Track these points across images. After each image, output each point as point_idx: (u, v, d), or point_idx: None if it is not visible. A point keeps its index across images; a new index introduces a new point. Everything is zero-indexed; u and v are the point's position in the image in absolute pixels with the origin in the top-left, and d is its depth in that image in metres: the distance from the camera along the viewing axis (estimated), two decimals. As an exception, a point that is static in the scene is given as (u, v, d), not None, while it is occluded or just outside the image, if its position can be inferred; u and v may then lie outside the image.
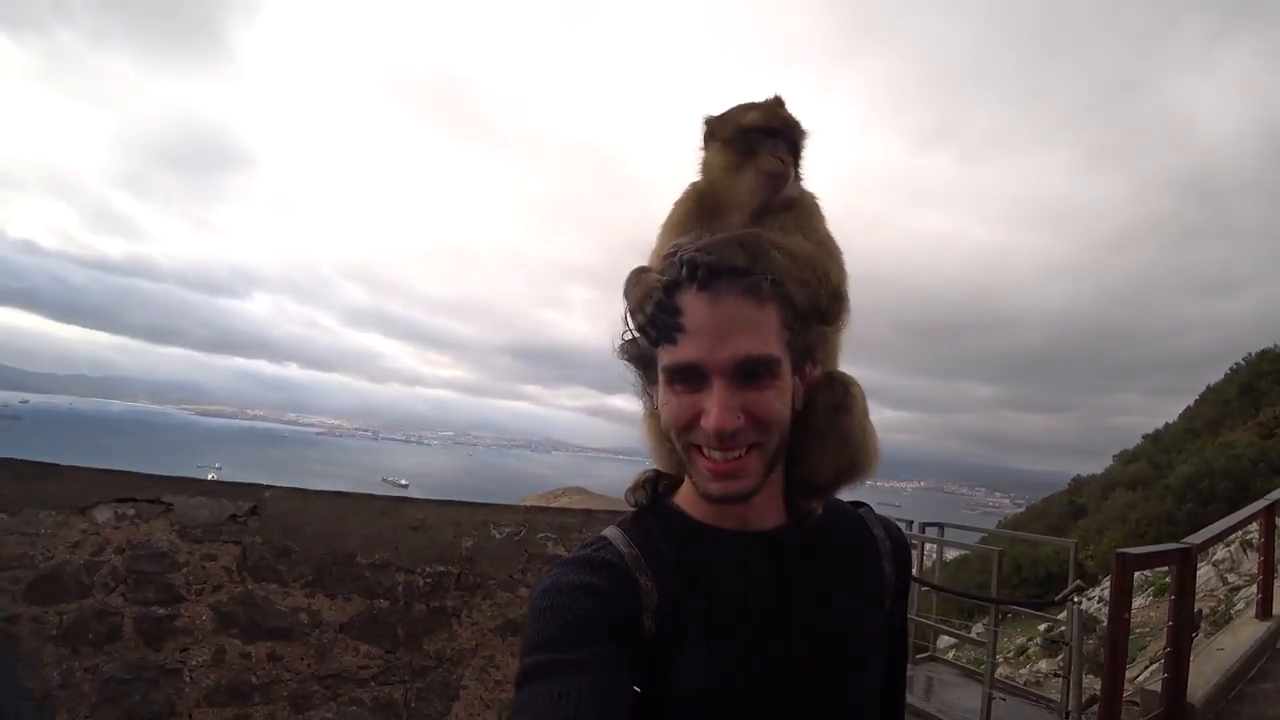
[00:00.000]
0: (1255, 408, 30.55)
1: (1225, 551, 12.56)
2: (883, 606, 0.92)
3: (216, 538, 2.74)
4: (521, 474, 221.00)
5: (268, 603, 2.77)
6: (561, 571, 0.80)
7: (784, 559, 0.85)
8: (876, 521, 0.97)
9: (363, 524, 2.89)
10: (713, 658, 0.78)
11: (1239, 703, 4.64)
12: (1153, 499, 26.04)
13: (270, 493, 2.80)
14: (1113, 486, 32.65)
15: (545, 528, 3.21)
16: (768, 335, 0.78)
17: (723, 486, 0.78)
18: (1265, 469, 21.14)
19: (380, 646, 2.89)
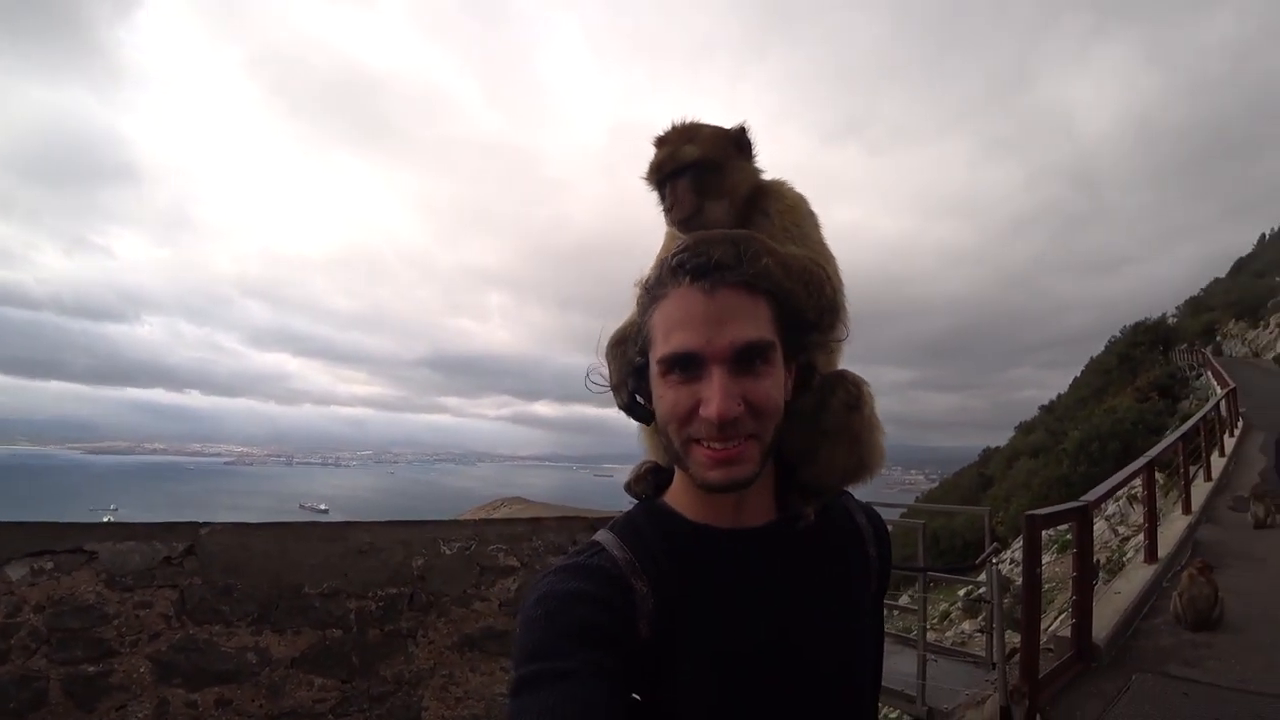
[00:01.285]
0: (1133, 374, 33.55)
1: (1115, 506, 13.81)
2: (870, 591, 0.94)
3: (150, 583, 2.61)
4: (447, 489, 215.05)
5: (212, 646, 2.66)
6: (554, 579, 0.78)
7: (777, 555, 0.85)
8: (858, 508, 0.99)
9: (308, 553, 2.82)
10: (712, 660, 0.78)
11: (1135, 638, 5.20)
12: (1051, 464, 28.13)
13: (207, 530, 2.69)
14: (1016, 456, 35.06)
15: (495, 539, 3.22)
16: (762, 322, 0.79)
17: (723, 473, 0.77)
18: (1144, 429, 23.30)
19: (336, 677, 2.83)
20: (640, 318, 0.84)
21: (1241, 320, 35.02)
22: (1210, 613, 5.25)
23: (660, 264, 0.83)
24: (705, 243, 0.80)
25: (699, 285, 0.77)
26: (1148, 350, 36.04)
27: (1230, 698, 4.22)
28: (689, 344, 0.76)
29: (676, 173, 1.06)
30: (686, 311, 0.77)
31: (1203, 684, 4.42)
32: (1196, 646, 4.99)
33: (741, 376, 0.76)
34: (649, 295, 0.82)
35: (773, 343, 0.79)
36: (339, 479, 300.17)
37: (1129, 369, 34.76)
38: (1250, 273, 39.66)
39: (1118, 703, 4.20)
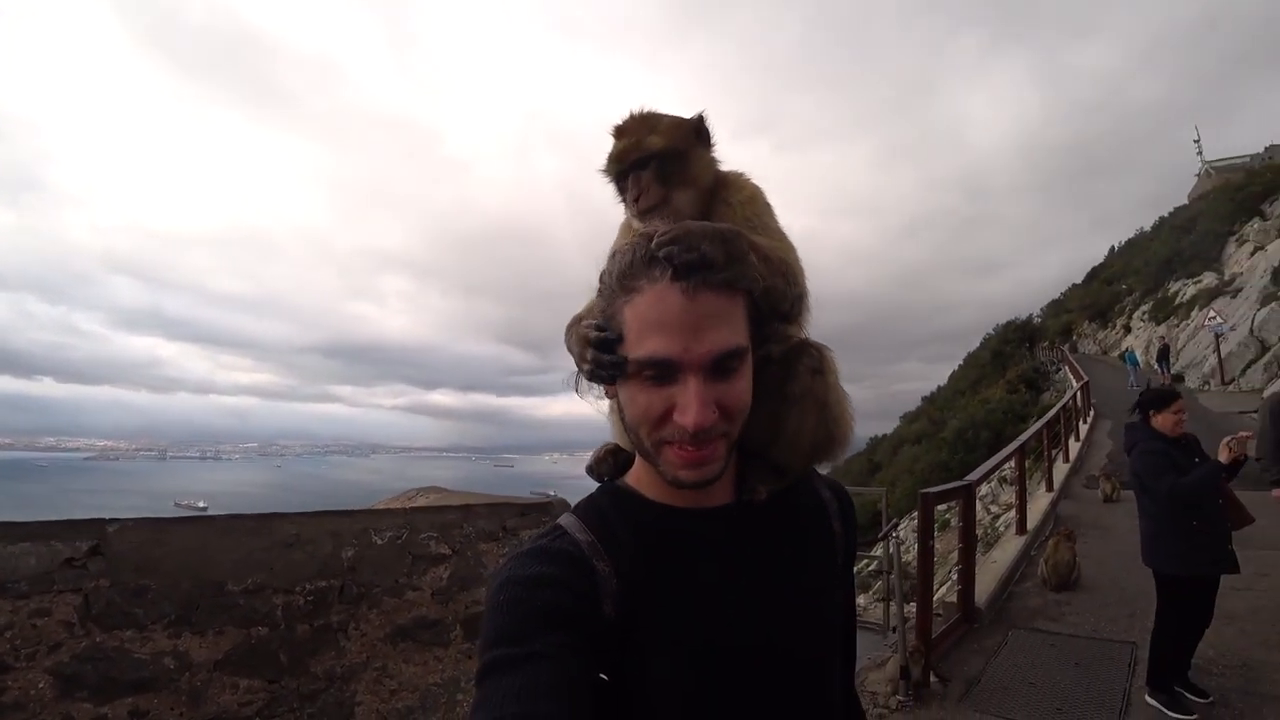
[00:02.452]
0: (1004, 368, 36.88)
1: (987, 488, 15.22)
2: (836, 565, 0.94)
3: (49, 589, 2.39)
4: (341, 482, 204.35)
5: (123, 653, 2.48)
6: (517, 564, 0.78)
7: (740, 534, 0.85)
8: (824, 483, 0.99)
9: (230, 548, 2.68)
10: (677, 640, 0.77)
11: (1009, 600, 5.83)
12: (932, 450, 30.47)
13: (115, 527, 2.51)
14: (901, 444, 37.68)
15: (427, 528, 3.18)
16: (738, 326, 0.77)
17: (695, 473, 0.77)
18: (1013, 418, 25.71)
19: (263, 678, 2.71)
20: (606, 304, 0.80)
21: (1094, 322, 39.18)
22: (1070, 575, 5.97)
23: (634, 249, 0.77)
24: (693, 236, 0.75)
25: (680, 285, 0.73)
26: (1016, 347, 39.71)
27: (1086, 644, 4.86)
28: (666, 350, 0.73)
29: (641, 163, 1.04)
30: (664, 314, 0.74)
31: (1065, 635, 5.05)
32: (1059, 604, 5.67)
33: (716, 382, 0.75)
34: (620, 285, 0.77)
35: (747, 348, 0.78)
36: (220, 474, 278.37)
37: (1000, 364, 38.16)
38: (1101, 280, 44.43)
39: (998, 655, 4.71)
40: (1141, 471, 3.69)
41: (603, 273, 0.81)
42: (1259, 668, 4.31)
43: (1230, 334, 21.73)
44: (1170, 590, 3.73)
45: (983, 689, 4.27)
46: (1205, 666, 4.26)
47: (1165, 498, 3.55)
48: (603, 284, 0.81)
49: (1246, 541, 6.46)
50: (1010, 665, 4.59)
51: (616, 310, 0.78)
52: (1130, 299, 36.80)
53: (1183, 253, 34.08)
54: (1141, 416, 3.84)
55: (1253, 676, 4.20)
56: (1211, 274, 29.87)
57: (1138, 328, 32.65)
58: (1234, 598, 5.42)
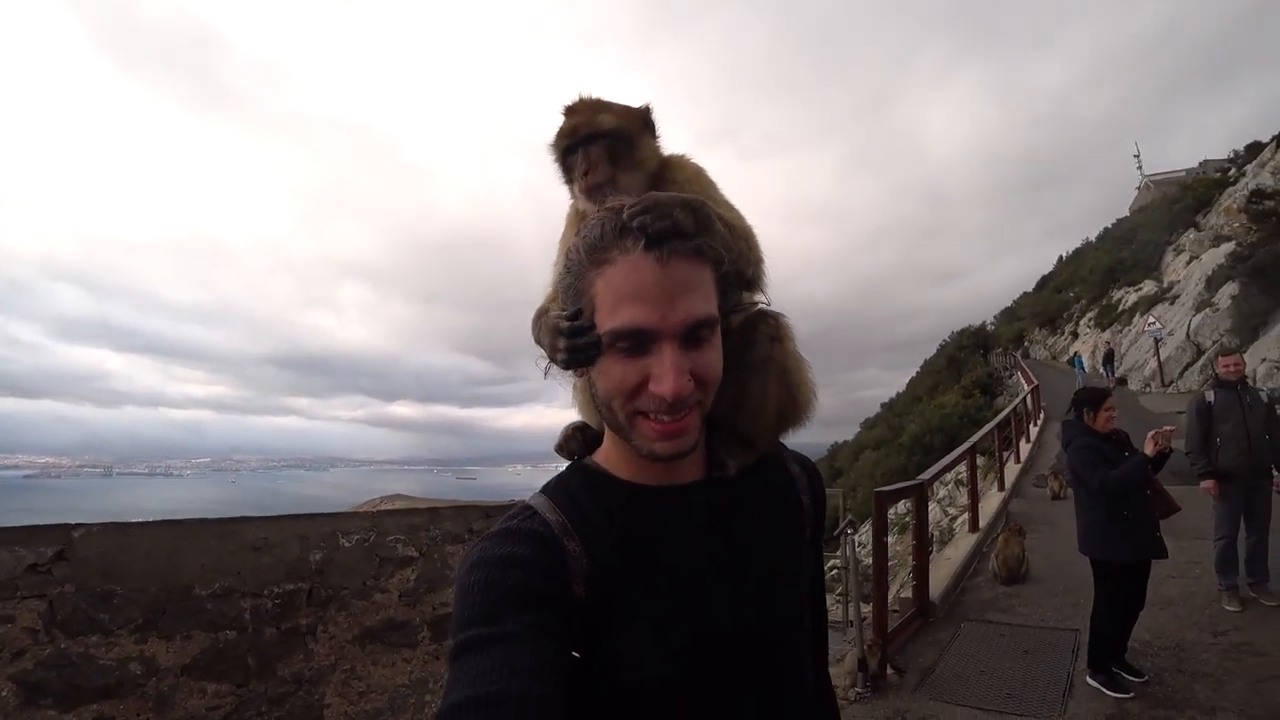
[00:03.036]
0: (959, 374, 37.93)
1: (945, 490, 15.69)
2: (804, 538, 0.95)
3: (12, 595, 2.39)
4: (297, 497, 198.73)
5: (88, 659, 2.48)
6: (488, 545, 0.78)
7: (709, 510, 0.86)
8: (792, 458, 1.00)
9: (199, 552, 2.70)
10: (648, 618, 0.78)
11: (963, 595, 6.07)
12: (892, 455, 31.12)
13: (81, 532, 2.51)
14: (862, 449, 38.39)
15: (394, 530, 3.22)
16: (709, 294, 0.78)
17: (670, 445, 0.77)
18: (968, 422, 26.44)
19: (231, 681, 2.72)
20: (575, 280, 0.79)
21: (1044, 328, 40.63)
22: (1019, 569, 6.24)
23: (602, 222, 0.77)
24: (664, 205, 0.76)
25: (654, 254, 0.74)
26: (971, 353, 40.90)
27: (1033, 633, 5.10)
28: (641, 320, 0.73)
29: (591, 139, 1.06)
30: (638, 283, 0.74)
31: (1014, 625, 5.29)
32: (1009, 597, 5.93)
33: (689, 351, 0.76)
34: (589, 258, 0.77)
35: (718, 318, 0.79)
36: (170, 490, 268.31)
37: (956, 369, 39.24)
38: (1051, 288, 46.16)
39: (951, 646, 4.91)
40: (1076, 466, 3.93)
41: (569, 248, 0.81)
42: (1190, 648, 4.59)
43: (1168, 339, 22.84)
44: (1105, 576, 3.97)
45: (937, 678, 4.46)
46: (1141, 649, 4.53)
47: (1097, 490, 3.80)
48: (569, 260, 0.80)
49: (1182, 532, 6.86)
50: (963, 655, 4.79)
51: (587, 285, 0.77)
52: (1078, 306, 38.31)
53: (1125, 262, 35.65)
54: (1076, 415, 4.10)
55: (1184, 656, 4.47)
56: (1151, 282, 31.34)
57: (1085, 334, 34.02)
58: (1169, 584, 5.76)
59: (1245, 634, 4.74)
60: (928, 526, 5.84)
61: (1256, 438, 4.94)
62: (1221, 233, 25.90)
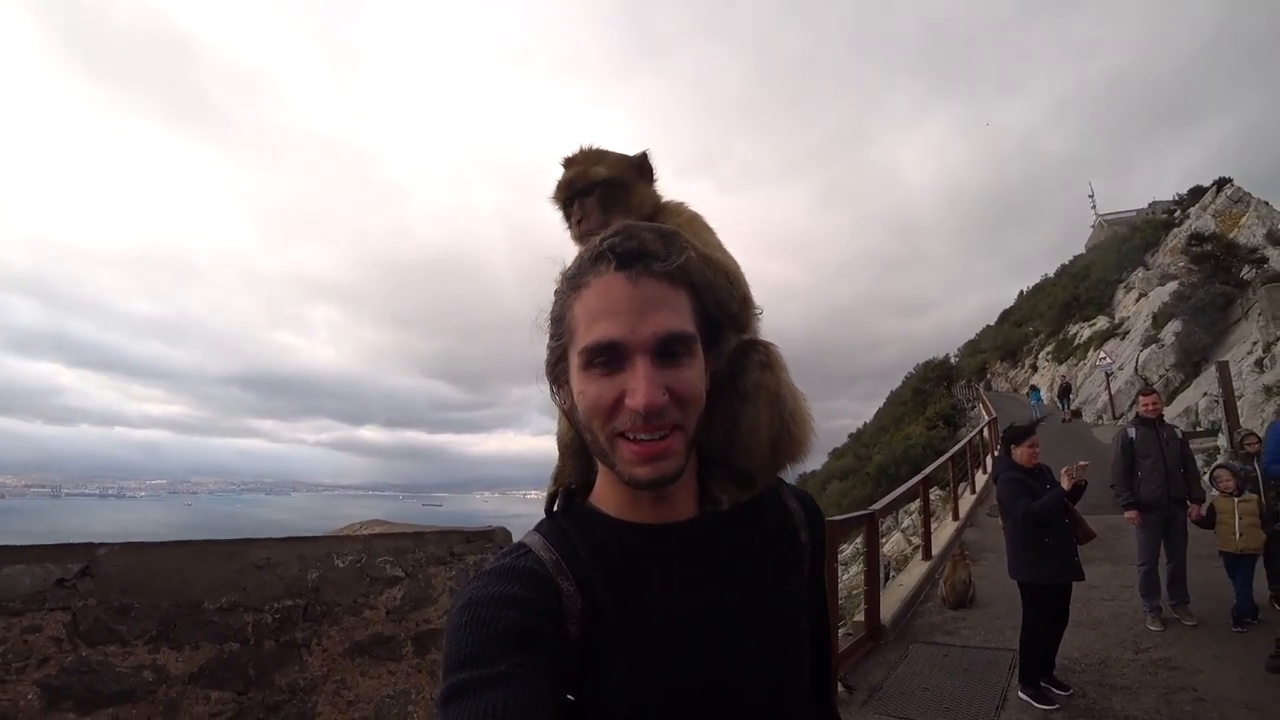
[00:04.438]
0: (924, 406, 38.83)
1: (909, 520, 16.21)
2: (803, 576, 0.94)
3: (40, 607, 2.62)
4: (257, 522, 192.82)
5: (106, 666, 2.71)
6: (481, 584, 0.77)
7: (703, 548, 0.85)
8: (790, 493, 0.99)
9: (208, 570, 2.95)
10: (641, 658, 0.77)
11: (913, 619, 6.46)
12: (858, 485, 31.64)
13: (104, 550, 2.76)
14: (829, 479, 38.94)
15: (383, 552, 3.50)
16: (684, 313, 0.79)
17: (650, 470, 0.77)
18: (931, 453, 27.13)
19: (232, 689, 2.96)
20: (559, 309, 0.82)
21: (1005, 361, 41.93)
22: (966, 594, 6.66)
23: (582, 254, 0.82)
24: (633, 229, 0.80)
25: (623, 273, 0.76)
26: (936, 385, 41.95)
27: (975, 653, 5.50)
28: (613, 333, 0.75)
29: (586, 190, 1.14)
30: (609, 300, 0.76)
31: (958, 646, 5.68)
32: (956, 620, 6.33)
33: (665, 367, 0.76)
34: (569, 285, 0.81)
35: (694, 335, 0.80)
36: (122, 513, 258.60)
37: (921, 401, 40.14)
38: (1011, 322, 47.70)
39: (899, 667, 5.28)
40: (1003, 497, 4.38)
41: (557, 284, 0.85)
42: (1113, 664, 5.02)
43: (1119, 373, 23.91)
44: (1031, 597, 4.39)
45: (884, 695, 4.81)
46: (1070, 665, 4.95)
47: (1021, 519, 4.23)
48: (556, 292, 0.84)
49: (1118, 557, 7.37)
50: (909, 674, 5.16)
51: (567, 309, 0.81)
52: (1036, 340, 39.70)
53: (1080, 298, 37.17)
54: (1004, 449, 4.55)
55: (1107, 672, 4.90)
56: (1105, 318, 32.76)
57: (1043, 367, 35.27)
58: (1099, 606, 6.23)
59: (1164, 651, 5.19)
60: (879, 554, 6.24)
61: (1173, 471, 5.46)
62: (1168, 271, 27.33)
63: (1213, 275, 22.18)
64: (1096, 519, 5.97)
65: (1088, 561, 5.40)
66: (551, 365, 0.85)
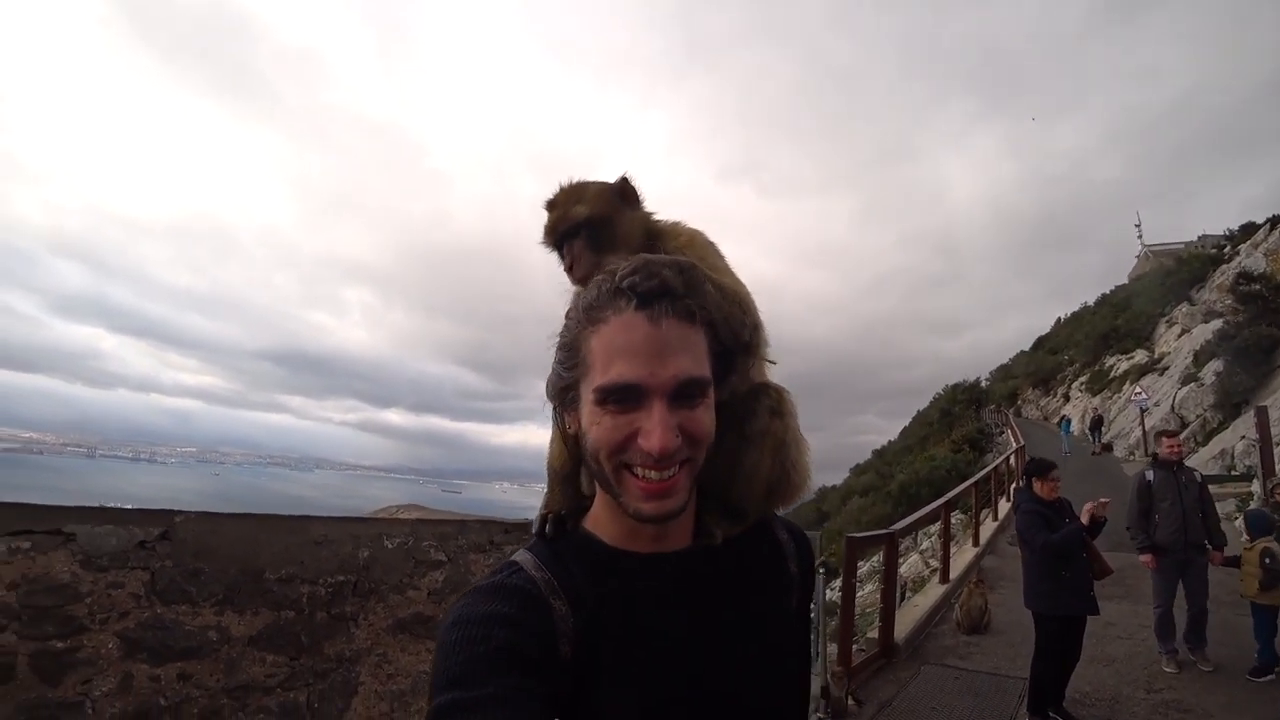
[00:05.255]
0: (950, 428, 38.33)
1: (928, 543, 16.12)
2: (791, 606, 0.96)
3: (124, 565, 2.88)
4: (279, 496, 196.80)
5: (177, 624, 2.97)
6: (471, 601, 0.77)
7: (695, 579, 0.86)
8: (781, 525, 1.01)
9: (272, 542, 3.20)
10: (632, 682, 0.78)
11: (927, 640, 6.53)
12: (878, 503, 31.36)
13: (181, 517, 3.02)
14: (850, 495, 38.58)
15: (429, 537, 3.73)
16: (701, 357, 0.80)
17: (656, 506, 0.78)
18: (955, 477, 26.79)
19: (285, 654, 3.21)
20: (572, 338, 0.82)
21: (1037, 388, 41.20)
22: (981, 620, 6.71)
23: (599, 284, 0.81)
24: (653, 265, 0.79)
25: (644, 313, 0.76)
26: (964, 408, 41.39)
27: (986, 679, 5.57)
28: (631, 376, 0.75)
29: (570, 233, 1.11)
30: (629, 341, 0.76)
31: (969, 671, 5.75)
32: (969, 645, 6.40)
33: (679, 409, 0.77)
34: (586, 317, 0.80)
35: (710, 380, 0.80)
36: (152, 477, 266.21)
37: (947, 423, 39.63)
38: (1046, 349, 46.84)
39: (909, 685, 5.38)
40: (1021, 528, 4.46)
41: (569, 309, 0.85)
42: (1124, 702, 5.06)
43: (1154, 409, 23.41)
44: (1043, 627, 4.47)
45: (893, 711, 4.92)
46: (1080, 699, 4.99)
47: (1039, 550, 4.32)
48: (568, 319, 0.84)
49: (1138, 596, 7.36)
50: (919, 694, 5.25)
51: (582, 341, 0.80)
52: (1071, 369, 38.94)
53: (1119, 329, 36.37)
54: (1025, 482, 4.63)
55: (1117, 709, 4.94)
56: (1143, 351, 32.03)
57: (1076, 397, 34.58)
58: (1116, 644, 6.24)
59: (1177, 693, 5.21)
60: (896, 573, 6.33)
61: (1190, 515, 5.46)
62: (1213, 308, 26.64)
63: (1259, 316, 21.58)
64: (1118, 556, 5.99)
65: (1106, 598, 5.45)
66: (560, 391, 0.85)
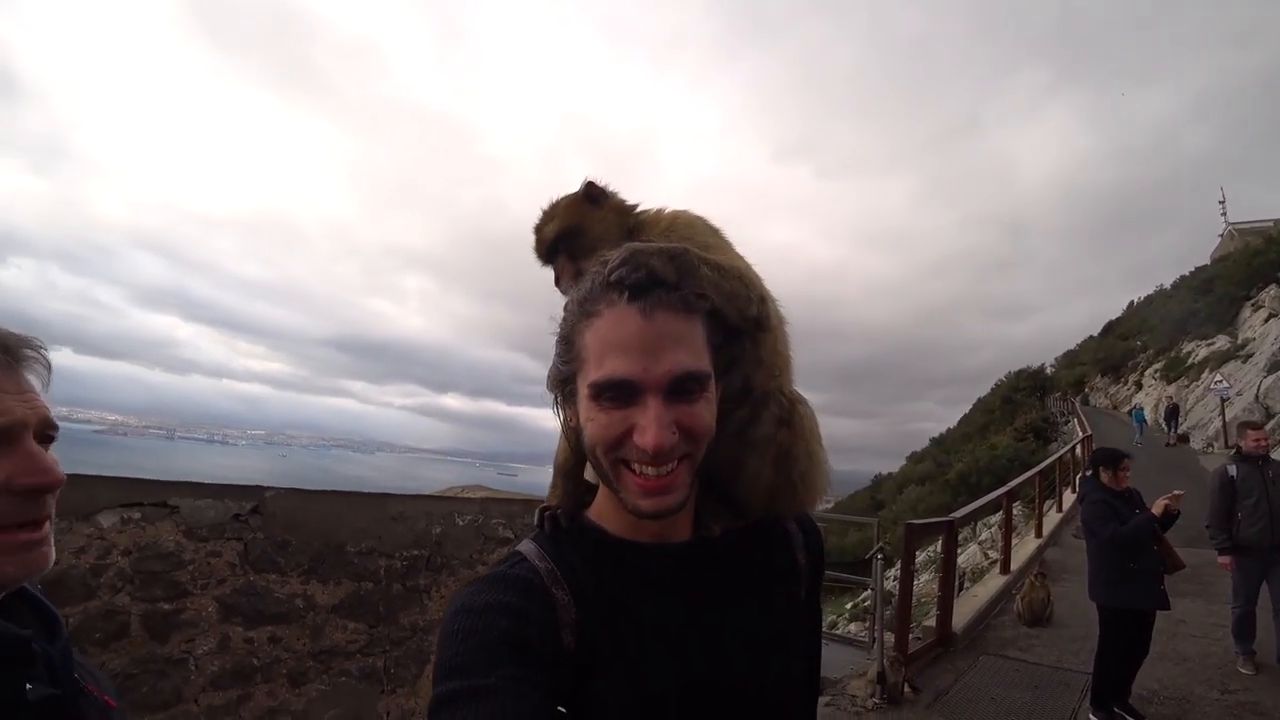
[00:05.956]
0: (1012, 416, 37.10)
1: (988, 533, 15.71)
2: (799, 597, 0.94)
3: (221, 535, 3.14)
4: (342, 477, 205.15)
5: (268, 591, 3.22)
6: (474, 591, 0.77)
7: (698, 569, 0.85)
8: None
9: (354, 518, 3.42)
10: (633, 672, 0.77)
11: (986, 630, 6.43)
12: (936, 492, 30.67)
13: (271, 493, 3.25)
14: (906, 483, 37.80)
15: (498, 515, 3.91)
16: (698, 349, 0.78)
17: (654, 503, 0.77)
18: (1018, 466, 25.94)
19: (365, 622, 3.43)
20: (568, 331, 0.81)
21: (1106, 376, 39.36)
22: (1043, 612, 6.55)
23: (593, 277, 0.80)
24: (640, 254, 0.78)
25: (636, 305, 0.75)
26: (1028, 395, 39.93)
27: (1047, 672, 5.46)
28: (625, 372, 0.74)
29: (551, 251, 1.14)
30: (622, 335, 0.75)
31: (1030, 663, 5.65)
32: (1030, 637, 6.27)
33: (676, 404, 0.75)
34: (580, 310, 0.79)
35: (709, 373, 0.78)
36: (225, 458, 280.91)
37: (1010, 410, 38.34)
38: (1117, 334, 44.61)
39: (967, 674, 5.33)
40: (1088, 518, 4.34)
41: (566, 301, 0.84)
42: (1195, 702, 4.88)
43: (1236, 399, 22.07)
44: (1109, 621, 4.35)
45: (949, 700, 4.88)
46: (1148, 697, 4.85)
47: (1107, 542, 4.20)
48: (565, 312, 0.83)
49: (1213, 594, 7.07)
50: (977, 684, 5.19)
51: (577, 335, 0.79)
52: (1144, 356, 37.02)
53: (1198, 314, 34.33)
54: (1093, 472, 4.50)
55: (1188, 708, 4.78)
56: (1225, 337, 30.15)
57: (1149, 385, 32.89)
58: (1187, 641, 6.02)
59: (1253, 694, 5.00)
60: (955, 561, 6.23)
61: (1279, 513, 5.16)
62: (1305, 292, 24.88)
63: (1358, 299, 20.06)
64: (1191, 552, 5.75)
65: (1178, 594, 5.24)
66: (559, 382, 0.84)
